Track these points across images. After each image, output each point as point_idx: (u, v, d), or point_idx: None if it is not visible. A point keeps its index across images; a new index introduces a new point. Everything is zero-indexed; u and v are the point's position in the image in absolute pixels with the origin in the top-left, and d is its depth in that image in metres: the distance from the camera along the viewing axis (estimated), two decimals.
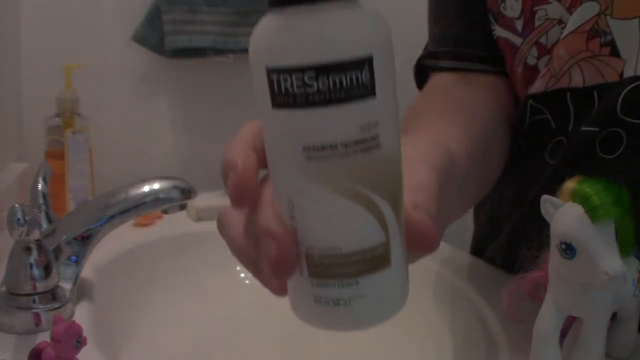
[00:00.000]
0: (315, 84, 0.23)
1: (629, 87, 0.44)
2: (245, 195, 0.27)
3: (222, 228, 0.31)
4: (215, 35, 0.94)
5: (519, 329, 0.44)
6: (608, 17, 0.45)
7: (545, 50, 0.51)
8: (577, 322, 0.38)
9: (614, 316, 0.39)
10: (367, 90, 0.23)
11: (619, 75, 0.45)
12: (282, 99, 0.23)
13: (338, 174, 0.24)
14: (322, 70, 0.22)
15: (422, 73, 0.62)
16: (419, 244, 0.27)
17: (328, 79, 0.23)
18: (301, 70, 0.23)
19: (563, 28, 0.48)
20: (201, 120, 1.02)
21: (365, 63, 0.23)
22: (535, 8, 0.50)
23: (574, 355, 0.37)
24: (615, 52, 0.45)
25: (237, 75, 1.01)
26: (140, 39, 0.93)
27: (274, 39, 0.24)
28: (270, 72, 0.23)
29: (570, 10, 0.48)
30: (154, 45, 0.94)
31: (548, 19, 0.50)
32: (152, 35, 0.94)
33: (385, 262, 0.26)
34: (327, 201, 0.24)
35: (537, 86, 0.51)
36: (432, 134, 0.45)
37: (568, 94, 0.49)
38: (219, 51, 0.96)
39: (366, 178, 0.24)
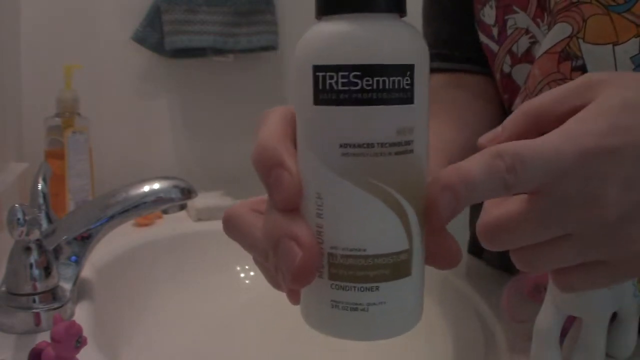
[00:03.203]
0: (359, 83, 0.24)
1: None
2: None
3: (234, 230, 0.30)
4: (215, 35, 0.94)
5: (519, 329, 0.45)
6: (580, 40, 0.43)
7: (516, 59, 0.50)
8: (577, 322, 0.38)
9: (614, 316, 0.39)
10: (407, 96, 0.24)
11: None
12: (325, 95, 0.24)
13: (371, 172, 0.24)
14: (368, 70, 0.24)
15: None
16: (443, 260, 0.27)
17: (372, 79, 0.24)
18: (347, 68, 0.24)
19: (531, 38, 0.48)
20: (201, 120, 1.02)
21: (408, 70, 0.24)
22: (506, 17, 0.50)
23: (574, 355, 0.37)
24: None
25: (237, 75, 1.01)
26: (140, 39, 0.93)
27: (324, 39, 0.25)
28: (316, 69, 0.24)
29: (535, 20, 0.47)
30: (154, 45, 0.94)
31: (517, 28, 0.50)
32: (152, 35, 0.94)
33: (406, 270, 0.26)
34: (358, 199, 0.25)
35: (516, 103, 0.50)
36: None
37: None
38: (219, 51, 0.96)
39: (397, 181, 0.25)
